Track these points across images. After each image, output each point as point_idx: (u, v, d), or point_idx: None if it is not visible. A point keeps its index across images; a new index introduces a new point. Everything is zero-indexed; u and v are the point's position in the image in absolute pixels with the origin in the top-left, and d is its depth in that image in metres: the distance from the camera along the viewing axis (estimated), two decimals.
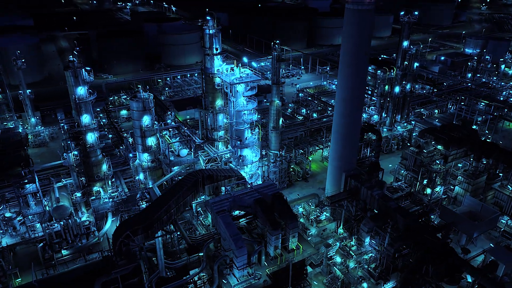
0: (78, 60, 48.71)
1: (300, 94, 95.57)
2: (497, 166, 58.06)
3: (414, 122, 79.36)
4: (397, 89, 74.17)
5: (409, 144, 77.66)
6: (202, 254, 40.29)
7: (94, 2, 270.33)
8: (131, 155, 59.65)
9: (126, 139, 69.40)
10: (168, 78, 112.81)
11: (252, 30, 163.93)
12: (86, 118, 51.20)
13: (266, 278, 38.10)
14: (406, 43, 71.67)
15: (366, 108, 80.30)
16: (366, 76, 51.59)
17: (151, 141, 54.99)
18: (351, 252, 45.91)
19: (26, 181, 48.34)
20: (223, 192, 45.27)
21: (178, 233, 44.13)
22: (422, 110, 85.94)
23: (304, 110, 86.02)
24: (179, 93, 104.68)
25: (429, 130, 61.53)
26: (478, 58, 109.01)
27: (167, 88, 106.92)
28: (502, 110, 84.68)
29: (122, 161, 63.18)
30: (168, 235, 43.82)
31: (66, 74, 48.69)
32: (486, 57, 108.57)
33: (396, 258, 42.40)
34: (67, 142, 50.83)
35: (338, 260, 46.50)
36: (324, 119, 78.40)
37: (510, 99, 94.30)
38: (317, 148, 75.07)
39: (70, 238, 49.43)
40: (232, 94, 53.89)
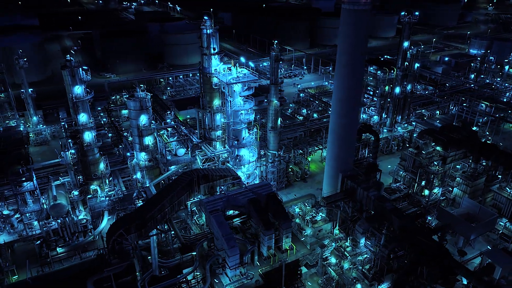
0: (76, 59, 49.05)
1: (301, 94, 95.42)
2: (496, 168, 57.53)
3: (414, 123, 78.74)
4: (397, 89, 73.70)
5: (408, 145, 77.19)
6: (195, 253, 40.40)
7: (100, 1, 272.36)
8: (129, 154, 59.97)
9: (125, 138, 69.77)
10: (170, 78, 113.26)
11: (255, 30, 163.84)
12: (83, 117, 51.54)
13: (258, 278, 38.13)
14: (406, 44, 71.22)
15: (366, 108, 79.97)
16: (362, 76, 51.43)
17: (148, 140, 55.20)
18: (346, 253, 45.71)
19: (24, 179, 48.89)
20: (219, 191, 45.37)
21: (173, 232, 44.25)
22: (423, 111, 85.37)
23: (304, 111, 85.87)
24: (181, 92, 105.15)
25: (428, 131, 60.98)
26: (481, 59, 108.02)
27: (169, 87, 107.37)
28: (505, 112, 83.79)
29: (121, 160, 63.53)
30: (162, 234, 43.92)
31: (63, 73, 49.01)
32: (490, 58, 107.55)
33: (390, 260, 42.18)
34: (65, 140, 51.19)
35: (333, 261, 46.37)
36: (324, 120, 78.21)
37: None
38: (316, 148, 74.85)
39: (67, 236, 49.86)
40: (229, 94, 53.93)
